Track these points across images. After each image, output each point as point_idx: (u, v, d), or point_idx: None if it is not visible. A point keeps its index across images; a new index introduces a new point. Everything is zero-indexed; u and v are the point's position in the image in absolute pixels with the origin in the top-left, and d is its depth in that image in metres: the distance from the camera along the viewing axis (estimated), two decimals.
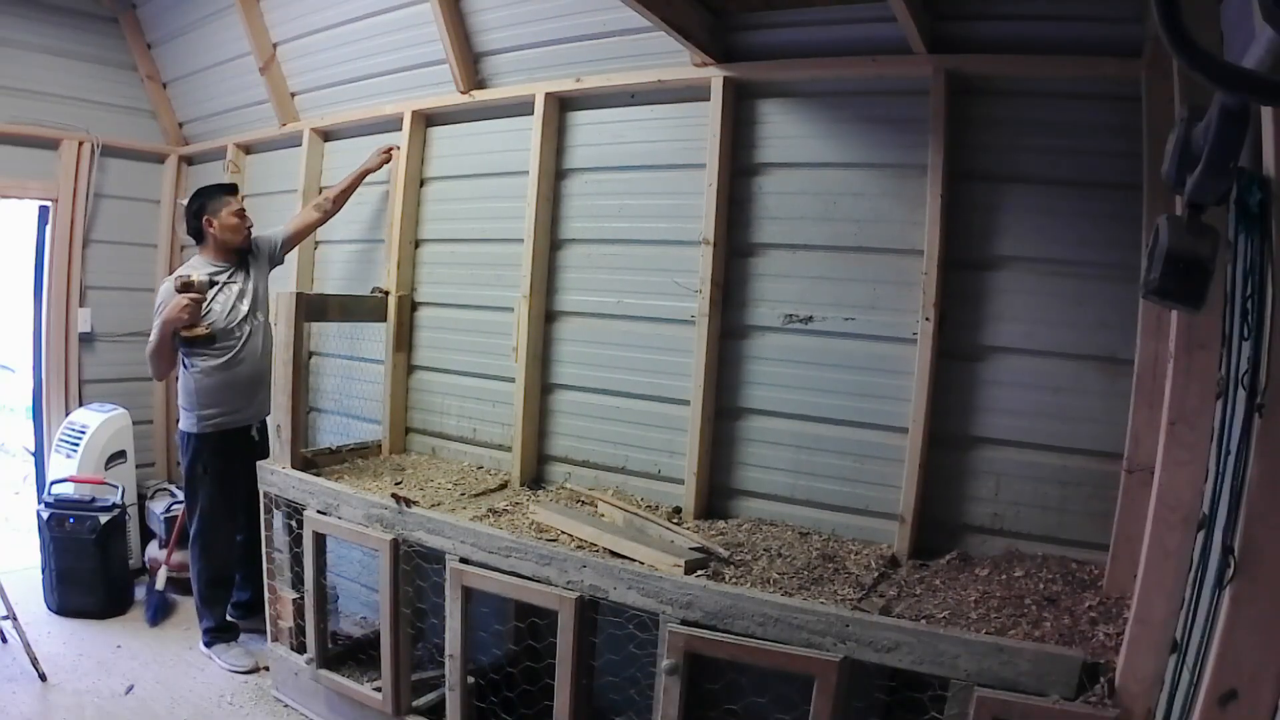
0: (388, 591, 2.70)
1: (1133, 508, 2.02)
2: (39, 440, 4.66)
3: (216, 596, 3.52)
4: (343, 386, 3.91)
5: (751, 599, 2.04)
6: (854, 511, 2.63)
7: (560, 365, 3.21)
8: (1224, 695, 1.18)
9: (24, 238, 4.67)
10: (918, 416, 2.46)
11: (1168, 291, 1.20)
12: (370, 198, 3.78)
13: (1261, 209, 1.17)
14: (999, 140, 2.42)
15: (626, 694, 2.56)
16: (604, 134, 3.09)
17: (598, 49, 3.02)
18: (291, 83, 4.10)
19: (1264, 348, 1.16)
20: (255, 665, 3.39)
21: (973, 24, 2.42)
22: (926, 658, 1.84)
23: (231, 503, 3.45)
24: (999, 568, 2.29)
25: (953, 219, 2.44)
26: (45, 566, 3.79)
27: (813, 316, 2.69)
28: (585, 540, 2.46)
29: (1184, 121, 1.23)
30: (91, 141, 4.54)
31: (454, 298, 3.51)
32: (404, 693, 2.76)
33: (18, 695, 3.03)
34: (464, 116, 3.47)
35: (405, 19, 3.45)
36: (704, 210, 2.79)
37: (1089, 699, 1.67)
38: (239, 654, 3.45)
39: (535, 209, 3.14)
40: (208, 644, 3.49)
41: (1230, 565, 1.17)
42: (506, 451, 3.28)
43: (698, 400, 2.81)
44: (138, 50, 4.71)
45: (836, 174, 2.65)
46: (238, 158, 4.50)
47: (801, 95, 2.72)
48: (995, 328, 2.44)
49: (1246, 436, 1.19)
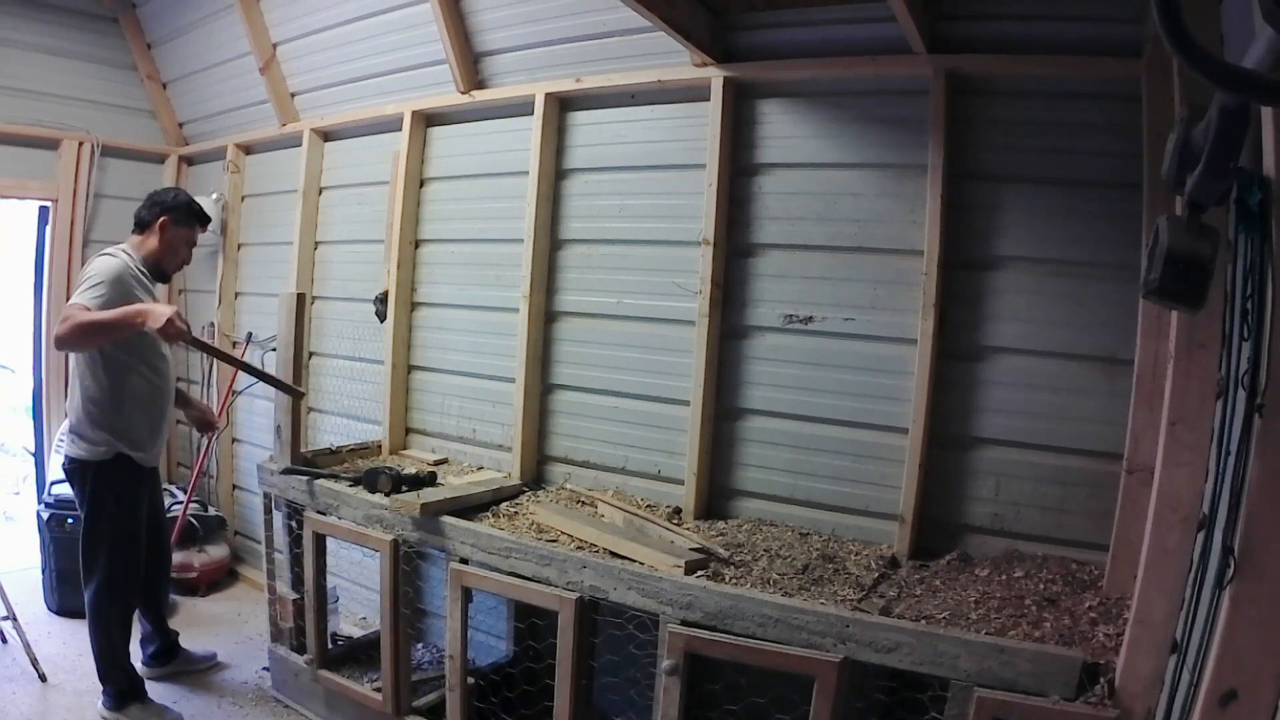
0: (388, 591, 2.70)
1: (1133, 508, 2.02)
2: (39, 440, 4.67)
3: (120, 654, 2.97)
4: (343, 386, 3.91)
5: (751, 599, 2.04)
6: (854, 512, 2.63)
7: (560, 365, 3.21)
8: (1224, 695, 1.18)
9: (24, 238, 4.67)
10: (918, 417, 2.46)
11: (1168, 291, 1.20)
12: (370, 198, 3.78)
13: (1261, 209, 1.17)
14: (999, 140, 2.42)
15: (626, 694, 2.56)
16: (604, 134, 3.09)
17: (598, 49, 3.02)
18: (291, 83, 4.10)
19: (1264, 348, 1.16)
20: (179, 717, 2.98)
21: (973, 24, 2.42)
22: (926, 658, 1.84)
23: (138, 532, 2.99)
24: (999, 568, 2.29)
25: (952, 219, 2.44)
26: (45, 566, 3.79)
27: (813, 317, 2.69)
28: (585, 541, 2.46)
29: (1184, 121, 1.23)
30: (91, 141, 4.55)
31: (454, 298, 3.51)
32: (404, 693, 2.76)
33: (18, 695, 3.03)
34: (464, 116, 3.47)
35: (405, 19, 3.45)
36: (704, 210, 2.79)
37: (1089, 699, 1.67)
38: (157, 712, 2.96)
39: (535, 209, 3.14)
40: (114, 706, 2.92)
41: (1230, 565, 1.17)
42: (506, 452, 3.27)
43: (698, 400, 2.81)
44: (138, 50, 4.71)
45: (836, 174, 2.65)
46: (238, 158, 4.51)
47: (801, 95, 2.72)
48: (995, 328, 2.44)
49: (1246, 436, 1.19)
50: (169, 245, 3.02)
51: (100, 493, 2.87)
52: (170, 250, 3.03)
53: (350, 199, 3.92)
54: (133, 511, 2.95)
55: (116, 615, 2.95)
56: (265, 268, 4.39)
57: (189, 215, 3.08)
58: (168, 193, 3.13)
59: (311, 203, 4.02)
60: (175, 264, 3.11)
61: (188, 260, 3.17)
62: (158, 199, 3.05)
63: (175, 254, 3.06)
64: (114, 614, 2.94)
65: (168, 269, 3.09)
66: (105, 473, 2.86)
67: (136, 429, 2.91)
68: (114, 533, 2.89)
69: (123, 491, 2.90)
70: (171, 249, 3.03)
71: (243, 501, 4.55)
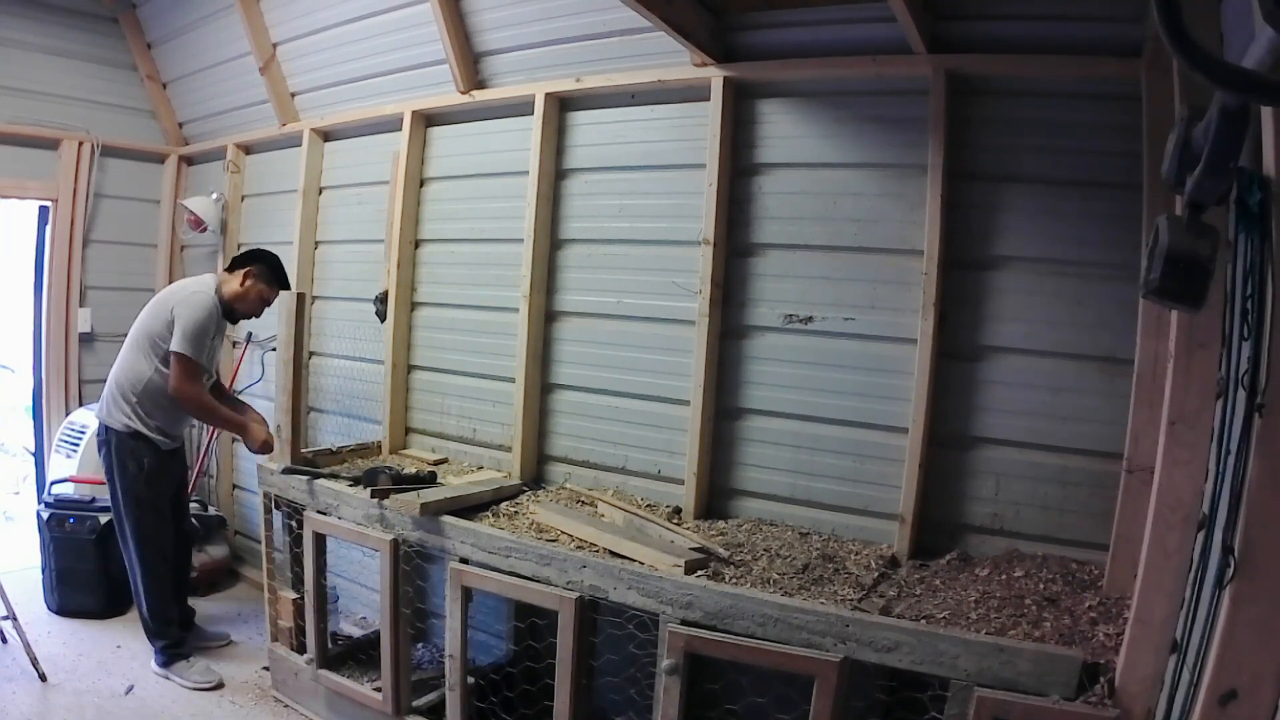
0: (388, 591, 2.70)
1: (1133, 508, 2.02)
2: (39, 440, 4.67)
3: (169, 608, 3.33)
4: (343, 386, 3.91)
5: (751, 599, 2.04)
6: (854, 511, 2.63)
7: (560, 365, 3.21)
8: (1224, 695, 1.18)
9: (24, 238, 4.67)
10: (918, 416, 2.46)
11: (1168, 291, 1.20)
12: (371, 198, 3.78)
13: (1261, 209, 1.17)
14: (999, 140, 2.42)
15: (626, 694, 2.56)
16: (604, 134, 3.09)
17: (598, 49, 3.02)
18: (291, 83, 4.10)
19: (1264, 348, 1.16)
20: (220, 680, 3.26)
21: (973, 24, 2.42)
22: (926, 658, 1.84)
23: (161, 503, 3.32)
24: (999, 568, 2.29)
25: (953, 219, 2.44)
26: (45, 566, 3.79)
27: (813, 316, 2.69)
28: (585, 540, 2.46)
29: (1184, 121, 1.23)
30: (91, 141, 4.55)
31: (454, 298, 3.51)
32: (404, 693, 2.76)
33: (18, 695, 3.03)
34: (464, 116, 3.47)
35: (405, 19, 3.45)
36: (704, 210, 2.79)
37: (1089, 699, 1.67)
38: (202, 669, 3.28)
39: (535, 209, 3.14)
40: (164, 664, 3.27)
41: (1230, 565, 1.17)
42: (506, 451, 3.28)
43: (698, 400, 2.81)
44: (138, 50, 4.71)
45: (836, 174, 2.65)
46: (238, 158, 4.51)
47: (801, 95, 2.72)
48: (995, 328, 2.44)
49: (1246, 436, 1.19)
50: (246, 294, 3.33)
51: (125, 460, 3.23)
52: (247, 300, 3.34)
53: (350, 199, 3.92)
54: (153, 479, 3.26)
55: (156, 573, 3.27)
56: None
57: (273, 275, 3.38)
58: (266, 251, 3.45)
59: (311, 203, 4.02)
60: (245, 312, 3.39)
61: (257, 314, 3.45)
62: (256, 252, 3.43)
63: (251, 305, 3.37)
64: (154, 571, 3.26)
65: (239, 314, 3.40)
66: (127, 443, 3.23)
67: (154, 419, 3.25)
68: (137, 497, 3.23)
69: (144, 461, 3.24)
70: (246, 298, 3.33)
71: (243, 501, 4.55)
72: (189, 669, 3.26)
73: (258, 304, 3.38)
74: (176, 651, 3.29)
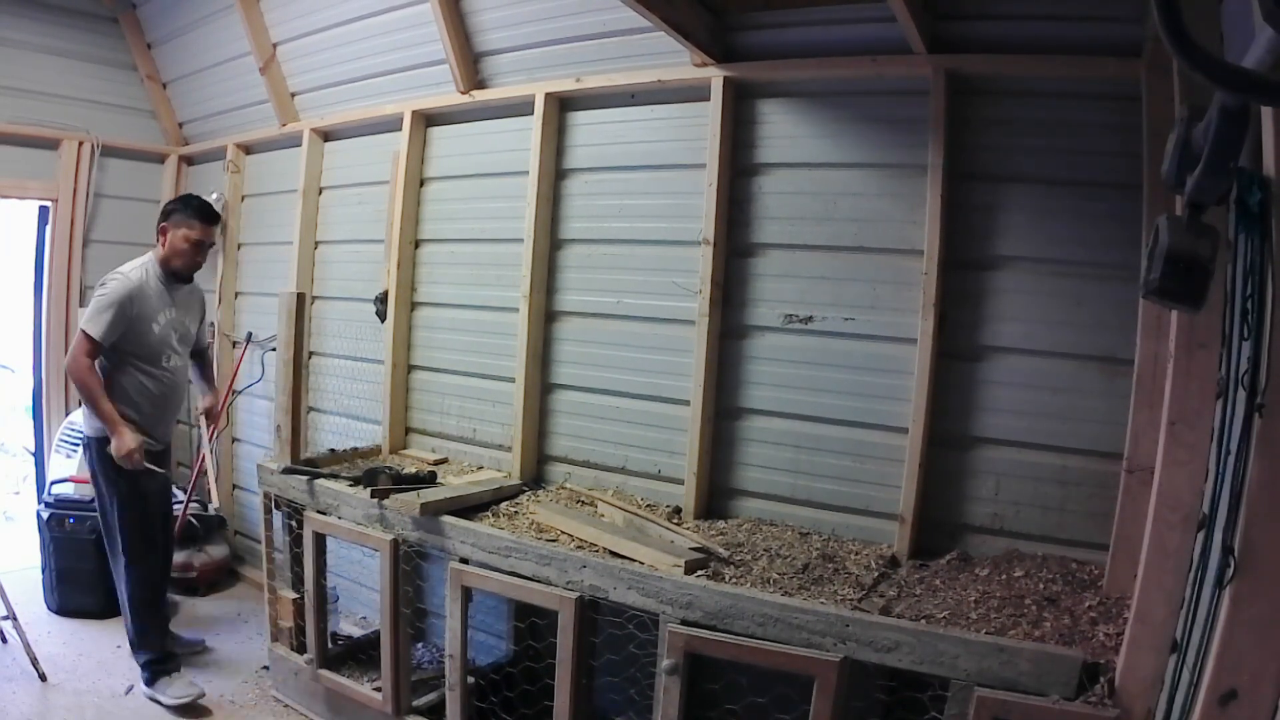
0: (388, 591, 2.70)
1: (1133, 508, 2.02)
2: (39, 440, 4.67)
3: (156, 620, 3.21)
4: (343, 386, 3.91)
5: (751, 599, 2.04)
6: (854, 511, 2.63)
7: (560, 365, 3.21)
8: (1224, 695, 1.18)
9: (24, 238, 4.67)
10: (918, 416, 2.46)
11: (1168, 291, 1.20)
12: (371, 198, 3.78)
13: (1261, 209, 1.17)
14: (999, 140, 2.42)
15: (626, 694, 2.56)
16: (604, 134, 3.09)
17: (598, 49, 3.02)
18: (291, 83, 4.10)
19: (1264, 348, 1.16)
20: (201, 691, 3.10)
21: (973, 24, 2.42)
22: (926, 658, 1.84)
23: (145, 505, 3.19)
24: (999, 568, 2.29)
25: (953, 219, 2.44)
26: (45, 566, 3.79)
27: (813, 316, 2.69)
28: (585, 540, 2.46)
29: (1184, 121, 1.23)
30: (91, 141, 4.55)
31: (454, 298, 3.51)
32: (404, 693, 2.76)
33: (18, 695, 3.03)
34: (464, 116, 3.47)
35: (405, 19, 3.45)
36: (704, 210, 2.79)
37: (1089, 699, 1.67)
38: (183, 685, 3.10)
39: (535, 209, 3.14)
40: (149, 681, 3.10)
41: (1230, 565, 1.17)
42: (506, 451, 3.28)
43: (697, 400, 2.81)
44: (138, 50, 4.71)
45: (836, 174, 2.65)
46: (238, 158, 4.51)
47: (801, 95, 2.72)
48: (995, 328, 2.44)
49: (1246, 436, 1.19)
50: (171, 246, 3.18)
51: (105, 463, 3.09)
52: (173, 250, 3.18)
53: (350, 199, 3.92)
54: (135, 481, 3.11)
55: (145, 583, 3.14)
56: (265, 267, 4.39)
57: (185, 213, 3.20)
58: (169, 203, 3.30)
59: (311, 202, 4.02)
60: (183, 263, 3.22)
61: (199, 258, 3.27)
62: (162, 207, 3.26)
63: (178, 253, 3.19)
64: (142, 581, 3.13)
65: (178, 269, 3.22)
66: (104, 447, 3.08)
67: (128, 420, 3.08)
68: (120, 498, 3.11)
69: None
70: (174, 249, 3.18)
71: (243, 501, 4.55)
72: (169, 685, 3.08)
73: (188, 250, 3.17)
74: (160, 668, 3.12)
